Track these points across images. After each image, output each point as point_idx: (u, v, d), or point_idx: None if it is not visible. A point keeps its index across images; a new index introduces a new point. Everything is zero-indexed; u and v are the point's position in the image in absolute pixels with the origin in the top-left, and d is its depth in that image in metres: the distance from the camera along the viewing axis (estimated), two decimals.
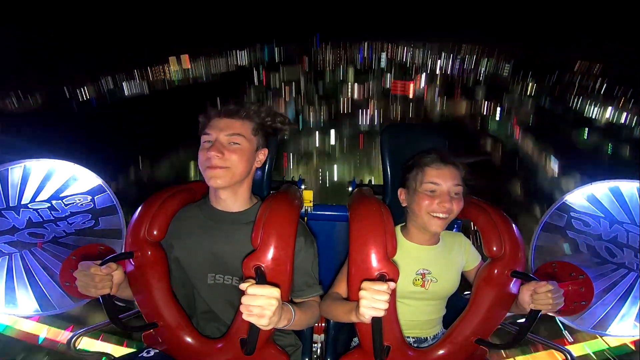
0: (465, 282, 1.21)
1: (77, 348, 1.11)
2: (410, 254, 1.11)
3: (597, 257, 1.37)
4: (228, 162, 0.99)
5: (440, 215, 1.05)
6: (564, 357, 1.09)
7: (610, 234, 1.38)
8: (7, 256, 1.33)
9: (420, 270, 1.10)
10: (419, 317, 1.13)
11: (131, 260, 1.01)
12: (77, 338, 1.12)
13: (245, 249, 0.95)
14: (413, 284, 1.09)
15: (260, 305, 0.78)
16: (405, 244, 1.12)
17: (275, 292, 0.79)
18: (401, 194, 1.16)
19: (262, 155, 1.10)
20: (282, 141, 1.27)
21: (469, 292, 1.16)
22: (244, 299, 0.78)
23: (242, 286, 0.79)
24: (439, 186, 1.06)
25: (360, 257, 0.93)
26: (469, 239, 1.23)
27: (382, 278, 0.89)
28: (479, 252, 1.19)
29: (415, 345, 1.12)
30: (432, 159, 1.09)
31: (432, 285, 1.10)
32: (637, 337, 1.33)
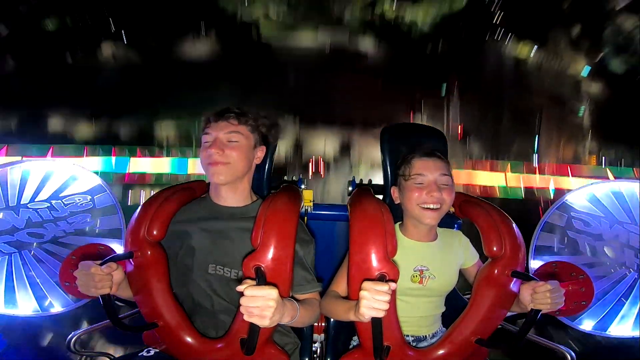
0: (465, 281, 1.21)
1: (77, 348, 1.11)
2: (408, 250, 1.11)
3: (597, 257, 1.38)
4: (229, 158, 1.03)
5: (432, 206, 1.06)
6: (564, 357, 1.09)
7: (610, 234, 1.38)
8: (7, 256, 1.34)
9: (418, 267, 1.10)
10: (417, 314, 1.13)
11: (131, 260, 1.01)
12: (77, 338, 1.12)
13: (245, 244, 0.96)
14: (411, 280, 1.09)
15: (259, 306, 0.78)
16: (403, 241, 1.13)
17: (273, 293, 0.79)
18: (394, 192, 1.18)
19: (261, 152, 1.14)
20: None
21: (469, 292, 1.16)
22: (242, 301, 0.78)
23: (240, 288, 0.79)
24: (426, 177, 1.08)
25: (360, 257, 0.93)
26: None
27: (382, 278, 0.88)
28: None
29: (414, 344, 1.12)
30: (417, 154, 1.13)
31: (430, 281, 1.10)
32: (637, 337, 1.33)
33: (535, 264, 1.40)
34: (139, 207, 1.07)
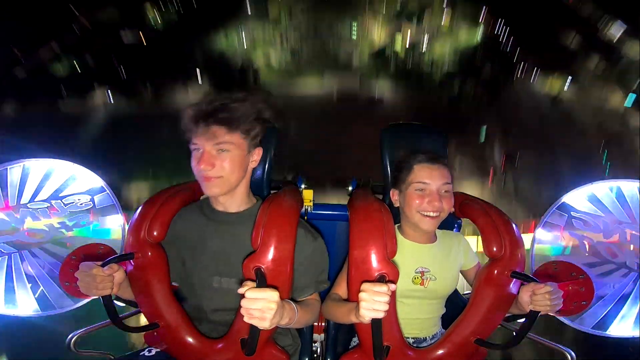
0: (464, 282, 1.21)
1: (77, 348, 1.11)
2: (409, 252, 1.11)
3: (597, 257, 1.38)
4: (221, 172, 0.97)
5: (431, 214, 1.06)
6: (564, 357, 1.09)
7: (610, 234, 1.38)
8: (7, 256, 1.34)
9: (419, 269, 1.10)
10: (418, 316, 1.13)
11: (131, 260, 1.01)
12: (77, 338, 1.12)
13: (249, 250, 0.94)
14: (412, 282, 1.09)
15: (260, 308, 0.78)
16: (403, 243, 1.12)
17: (274, 295, 0.79)
18: (393, 195, 1.16)
19: (257, 155, 1.06)
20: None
21: (469, 292, 1.16)
22: (243, 302, 0.78)
23: (241, 290, 0.80)
24: (428, 185, 1.07)
25: (360, 258, 0.93)
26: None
27: (382, 279, 0.88)
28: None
29: (414, 345, 1.12)
30: (420, 159, 1.10)
31: (431, 283, 1.10)
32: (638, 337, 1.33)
33: (535, 263, 1.39)
34: (139, 208, 1.07)
